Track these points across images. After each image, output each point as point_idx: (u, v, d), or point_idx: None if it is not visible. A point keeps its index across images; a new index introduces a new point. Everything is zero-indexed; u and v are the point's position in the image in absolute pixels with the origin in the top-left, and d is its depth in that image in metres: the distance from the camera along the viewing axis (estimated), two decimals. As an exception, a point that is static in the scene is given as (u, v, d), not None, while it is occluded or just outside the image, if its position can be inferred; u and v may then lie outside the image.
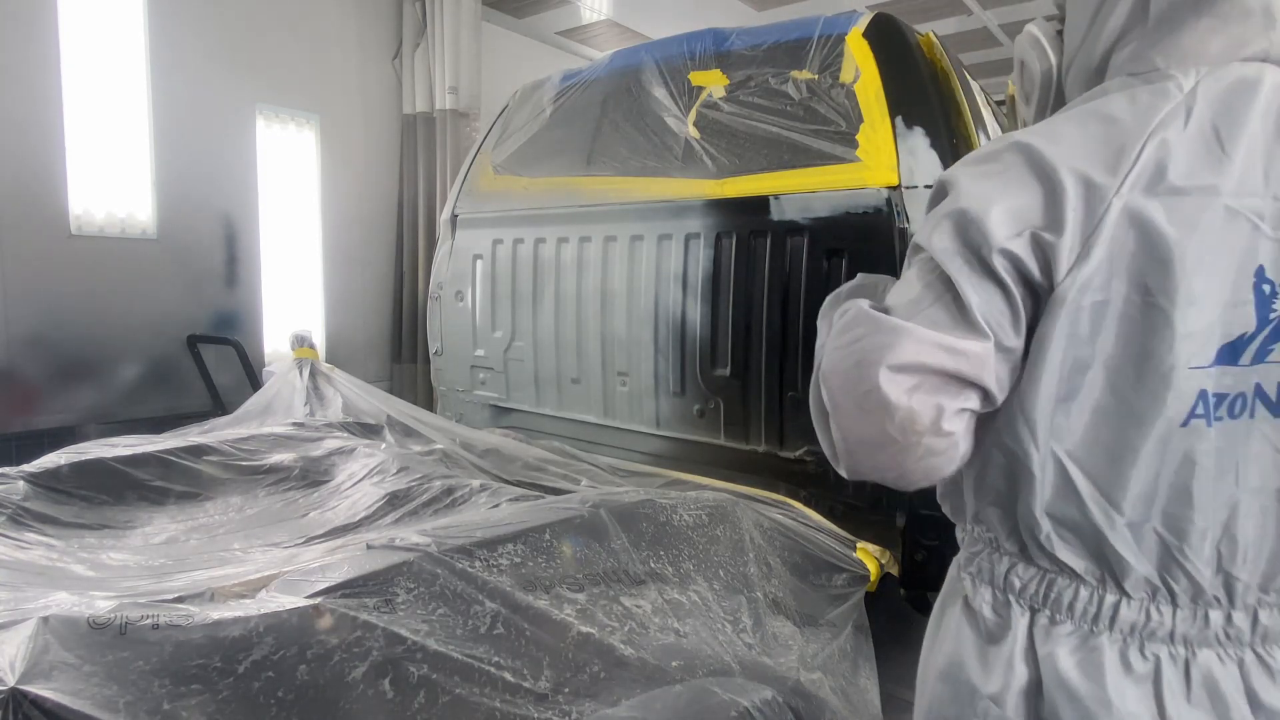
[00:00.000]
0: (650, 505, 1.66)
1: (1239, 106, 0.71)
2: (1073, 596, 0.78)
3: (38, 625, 0.96)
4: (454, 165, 4.65)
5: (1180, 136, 0.70)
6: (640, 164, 2.58)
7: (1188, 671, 0.75)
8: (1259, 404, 0.73)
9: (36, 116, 3.35)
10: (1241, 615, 0.75)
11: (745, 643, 1.45)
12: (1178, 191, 0.70)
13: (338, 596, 1.14)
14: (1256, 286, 0.71)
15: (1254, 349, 0.72)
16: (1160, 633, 0.76)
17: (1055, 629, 0.79)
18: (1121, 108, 0.74)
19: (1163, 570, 0.75)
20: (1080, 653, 0.77)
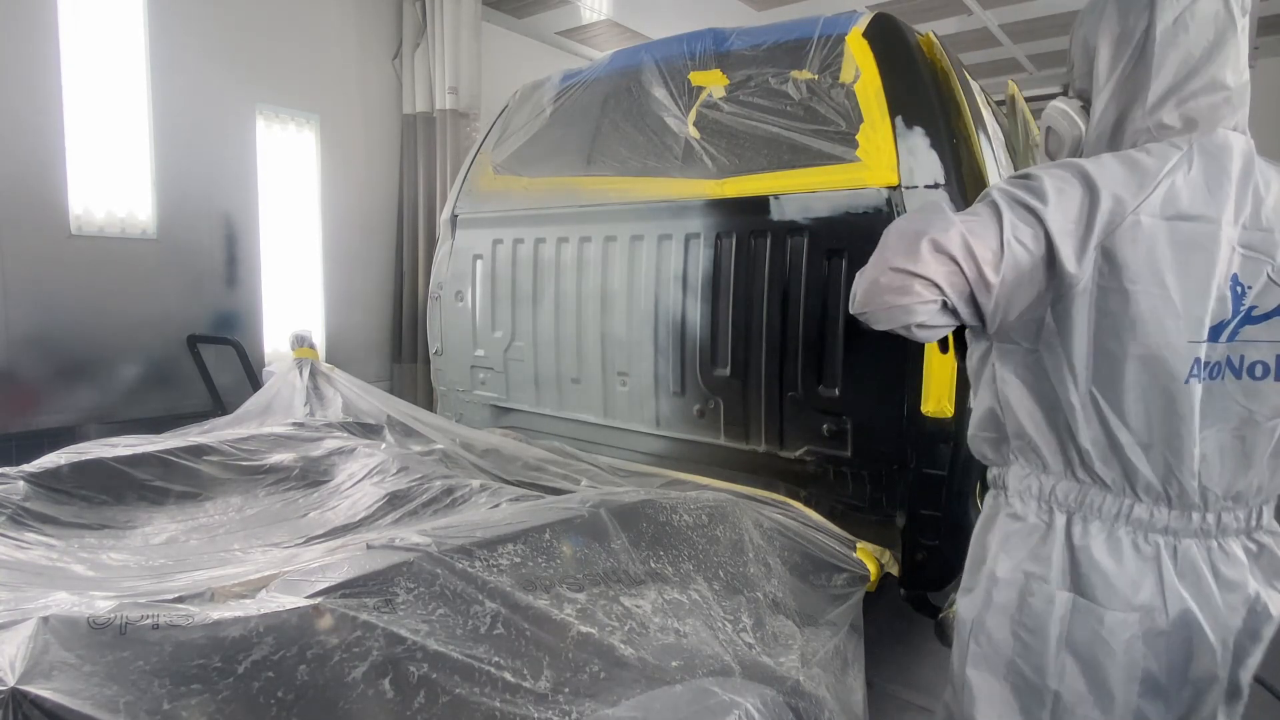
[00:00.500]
0: (650, 505, 1.66)
1: (1223, 162, 1.04)
2: (1101, 501, 1.10)
3: (38, 625, 0.96)
4: (454, 165, 4.65)
5: (1185, 180, 1.03)
6: (640, 164, 2.58)
7: (1175, 554, 1.08)
8: (1228, 371, 1.06)
9: (36, 116, 3.34)
10: (1212, 516, 1.09)
11: (745, 643, 1.45)
12: (1184, 217, 1.02)
13: (338, 596, 1.14)
14: (1233, 287, 1.04)
15: (1229, 331, 1.05)
16: (1159, 526, 1.08)
17: (1089, 525, 1.11)
18: (1144, 157, 1.06)
19: (1164, 481, 1.07)
20: (1108, 542, 1.09)
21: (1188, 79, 1.07)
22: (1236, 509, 1.09)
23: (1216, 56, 1.07)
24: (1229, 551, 1.09)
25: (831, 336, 2.18)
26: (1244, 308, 1.04)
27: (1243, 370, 1.06)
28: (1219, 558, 1.09)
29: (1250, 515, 1.11)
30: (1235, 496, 1.09)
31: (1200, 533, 1.08)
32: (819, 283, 2.19)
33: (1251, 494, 1.10)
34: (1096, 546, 1.09)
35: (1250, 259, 1.04)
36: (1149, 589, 1.07)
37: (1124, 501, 1.09)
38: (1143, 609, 1.07)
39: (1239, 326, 1.05)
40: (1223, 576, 1.08)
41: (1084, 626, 1.09)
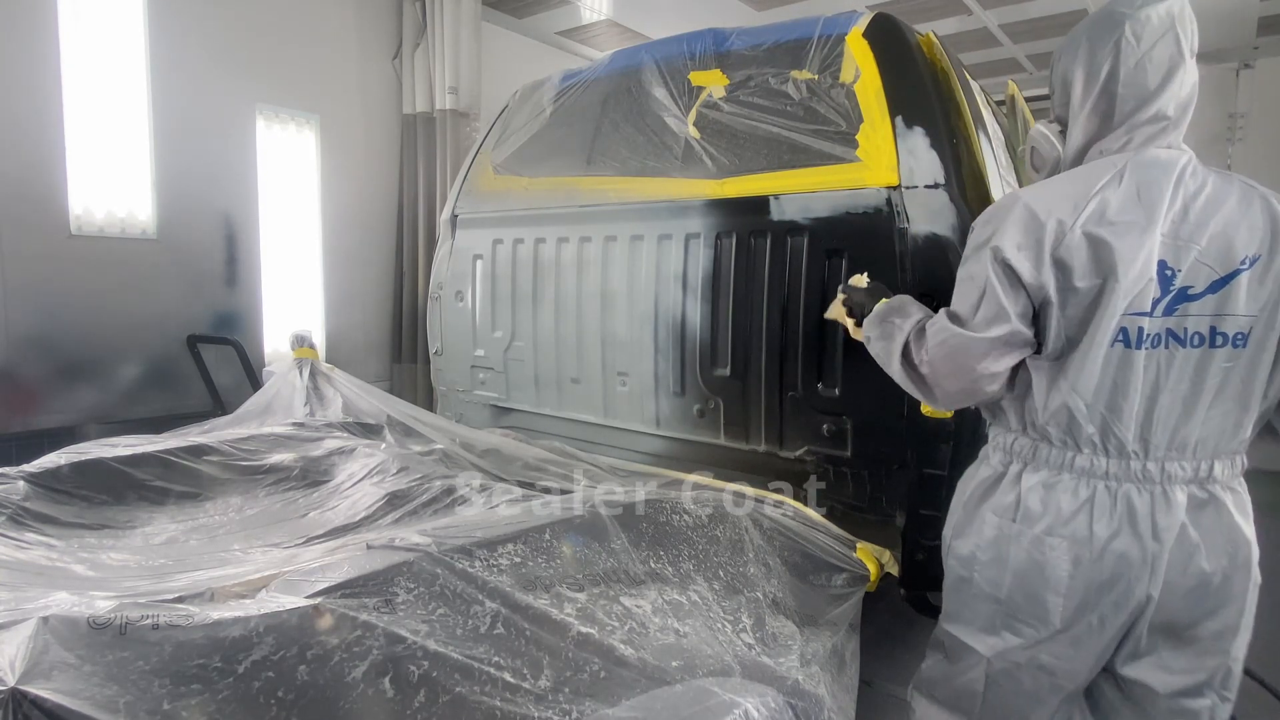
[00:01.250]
0: (650, 505, 1.66)
1: (1153, 174, 1.27)
2: (1049, 454, 1.35)
3: (38, 625, 0.96)
4: (454, 165, 4.65)
5: (1115, 193, 1.27)
6: (640, 164, 2.58)
7: (1114, 498, 1.29)
8: (1171, 339, 1.26)
9: (36, 116, 3.34)
10: (1154, 465, 1.28)
11: (745, 643, 1.45)
12: (1115, 222, 1.25)
13: (338, 596, 1.14)
14: (1160, 271, 1.26)
15: (1163, 306, 1.26)
16: (1098, 473, 1.31)
17: (1034, 470, 1.36)
18: (1085, 176, 1.32)
19: (1103, 436, 1.30)
20: (1051, 485, 1.34)
21: (1138, 111, 1.31)
22: (1182, 459, 1.28)
23: (1163, 93, 1.30)
24: (1171, 497, 1.28)
25: (831, 336, 2.18)
26: (1174, 288, 1.26)
27: (1186, 340, 1.26)
28: (1159, 502, 1.28)
29: (1198, 466, 1.29)
30: (1180, 448, 1.28)
31: (1141, 478, 1.29)
32: (819, 283, 2.19)
33: (1193, 446, 1.28)
34: (1040, 489, 1.34)
35: (1176, 247, 1.25)
36: (1080, 522, 1.30)
37: (1067, 454, 1.32)
38: (1071, 538, 1.30)
39: (1175, 303, 1.26)
40: (1157, 518, 1.27)
41: (1020, 548, 1.35)
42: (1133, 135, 1.31)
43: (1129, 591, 1.29)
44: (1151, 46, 1.28)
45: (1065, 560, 1.30)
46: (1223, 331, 1.26)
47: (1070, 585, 1.31)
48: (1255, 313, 1.26)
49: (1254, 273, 1.25)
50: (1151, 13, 1.29)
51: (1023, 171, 2.61)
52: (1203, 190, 1.28)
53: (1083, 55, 1.35)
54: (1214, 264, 1.25)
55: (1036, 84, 6.45)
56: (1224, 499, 1.29)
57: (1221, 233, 1.25)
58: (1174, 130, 1.32)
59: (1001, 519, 1.37)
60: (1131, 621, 1.31)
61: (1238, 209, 1.27)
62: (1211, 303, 1.25)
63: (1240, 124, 5.62)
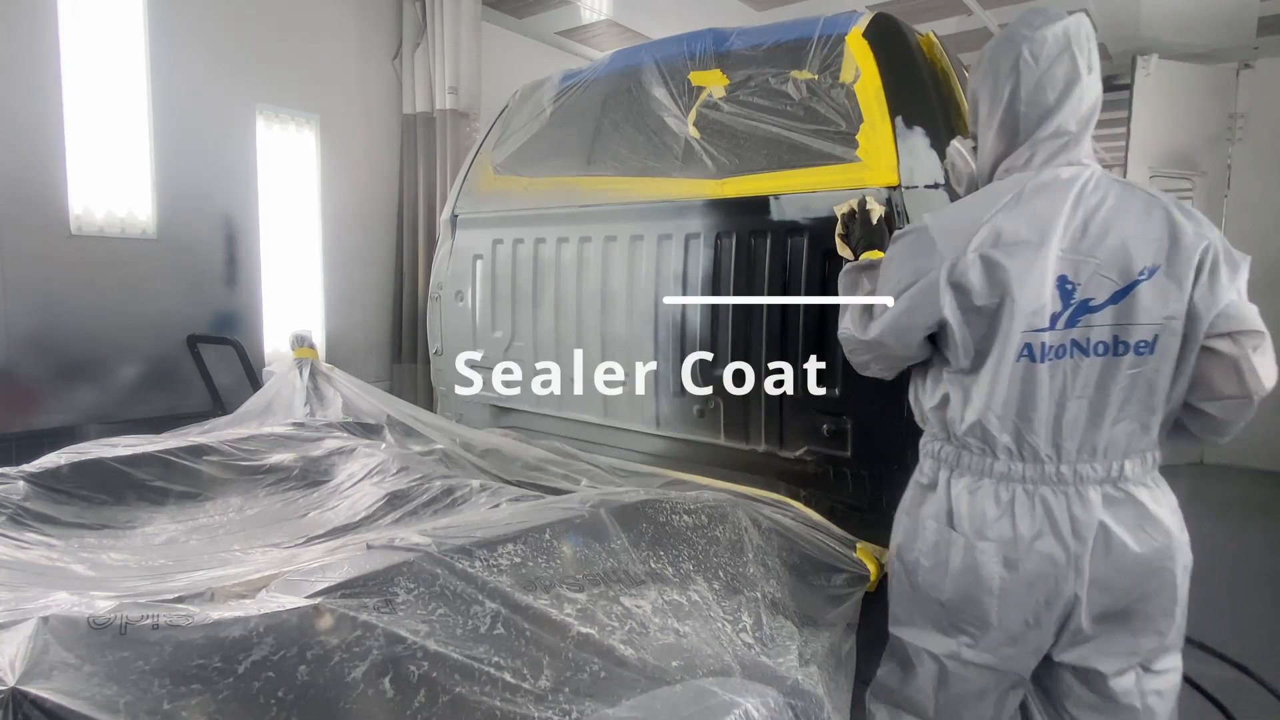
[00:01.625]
0: (650, 505, 1.66)
1: (1053, 191, 1.35)
2: (970, 461, 1.42)
3: (38, 625, 0.96)
4: (454, 165, 4.65)
5: (1010, 214, 1.34)
6: (640, 164, 2.58)
7: (1032, 500, 1.36)
8: (1076, 350, 1.33)
9: (36, 116, 3.35)
10: (1067, 469, 1.35)
11: (745, 643, 1.45)
12: (1011, 242, 1.33)
13: (338, 596, 1.14)
14: (1060, 286, 1.32)
15: (1065, 319, 1.32)
16: (1016, 477, 1.38)
17: (962, 479, 1.43)
18: (982, 198, 1.41)
19: (1018, 444, 1.37)
20: (975, 491, 1.41)
21: (1040, 127, 1.37)
22: (1093, 462, 1.34)
23: (1063, 109, 1.36)
24: (1085, 498, 1.34)
25: (832, 336, 2.17)
26: (1075, 300, 1.32)
27: (1090, 350, 1.33)
28: (1075, 503, 1.34)
29: (1110, 467, 1.35)
30: (1091, 452, 1.34)
31: (1056, 481, 1.35)
32: (819, 283, 2.18)
33: (1104, 449, 1.34)
34: (966, 494, 1.42)
35: (1076, 262, 1.31)
36: (1004, 526, 1.37)
37: (987, 460, 1.40)
38: (998, 540, 1.37)
39: (1077, 315, 1.32)
40: (1076, 518, 1.34)
41: (955, 553, 1.41)
42: (1036, 151, 1.38)
43: (1057, 589, 1.36)
44: (1049, 66, 1.35)
45: (995, 563, 1.37)
46: (1124, 340, 1.32)
47: (1002, 586, 1.37)
48: (1156, 321, 1.30)
49: (1152, 282, 1.30)
50: (1048, 33, 1.35)
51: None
52: (1103, 204, 1.33)
53: (988, 75, 1.43)
54: (1114, 275, 1.31)
55: (1036, 84, 6.45)
56: (1138, 495, 1.36)
57: (1121, 245, 1.31)
58: (1076, 145, 1.38)
59: (940, 524, 1.44)
60: (1065, 615, 1.38)
61: (1137, 221, 1.32)
62: (1113, 313, 1.31)
63: (1240, 124, 5.62)
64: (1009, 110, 1.39)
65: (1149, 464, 1.39)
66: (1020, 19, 1.40)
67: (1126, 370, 1.33)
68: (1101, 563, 1.34)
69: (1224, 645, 2.70)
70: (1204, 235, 1.31)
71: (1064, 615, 1.38)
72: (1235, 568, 3.68)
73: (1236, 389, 1.30)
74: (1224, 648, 2.68)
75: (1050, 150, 1.38)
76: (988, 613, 1.39)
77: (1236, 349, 1.29)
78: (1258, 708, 2.38)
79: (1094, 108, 1.39)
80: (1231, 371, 1.30)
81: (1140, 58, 5.44)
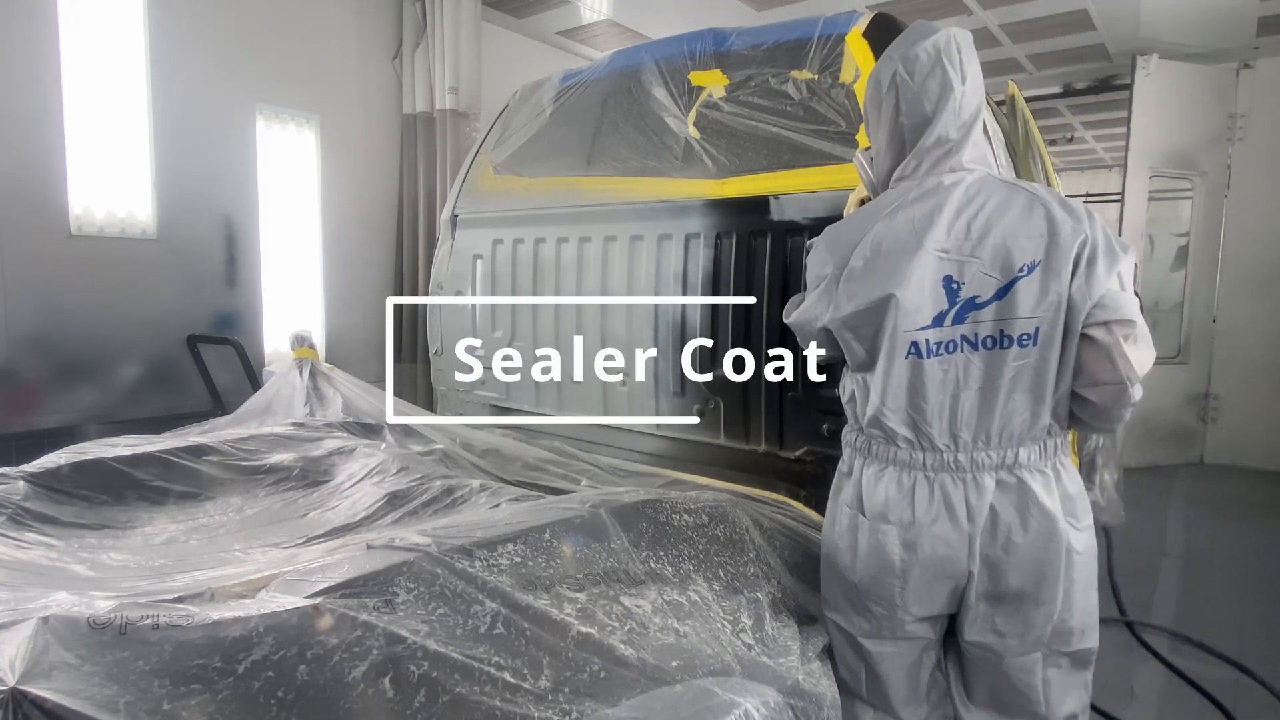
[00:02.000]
0: (650, 505, 1.66)
1: (936, 197, 1.45)
2: (877, 449, 1.52)
3: (38, 625, 0.96)
4: (454, 165, 4.65)
5: (892, 222, 1.46)
6: (640, 164, 2.58)
7: (931, 486, 1.45)
8: (965, 345, 1.42)
9: (36, 116, 3.35)
10: (964, 456, 1.44)
11: (745, 643, 1.45)
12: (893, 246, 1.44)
13: (338, 596, 1.14)
14: (946, 285, 1.41)
15: (952, 316, 1.42)
16: (916, 465, 1.47)
17: (870, 464, 1.53)
18: (871, 208, 1.53)
19: (915, 434, 1.46)
20: (881, 477, 1.50)
21: (922, 138, 1.47)
22: (988, 449, 1.43)
23: (940, 119, 1.45)
24: (980, 483, 1.43)
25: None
26: (962, 298, 1.41)
27: (979, 344, 1.41)
28: (970, 489, 1.43)
29: (1003, 454, 1.42)
30: (985, 439, 1.43)
31: (954, 468, 1.44)
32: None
33: (997, 437, 1.42)
34: (873, 481, 1.51)
35: (960, 262, 1.40)
36: (904, 510, 1.46)
37: (891, 449, 1.49)
38: (899, 523, 1.47)
39: (964, 312, 1.41)
40: (970, 503, 1.43)
41: (864, 536, 1.51)
42: (921, 160, 1.49)
43: (951, 567, 1.45)
44: (923, 80, 1.44)
45: (896, 544, 1.47)
46: (1009, 334, 1.40)
47: (903, 567, 1.47)
48: (1037, 314, 1.38)
49: (1032, 278, 1.37)
50: (919, 50, 1.45)
51: (1023, 170, 2.61)
52: (985, 206, 1.42)
53: (874, 92, 1.54)
54: (996, 273, 1.39)
55: (1036, 84, 6.46)
56: (1030, 481, 1.43)
57: (1002, 244, 1.39)
58: (959, 151, 1.47)
59: (853, 510, 1.54)
60: (961, 592, 1.47)
61: (1018, 220, 1.40)
62: (997, 309, 1.40)
63: (1240, 124, 5.62)
64: (893, 124, 1.50)
65: (1047, 451, 1.44)
66: (900, 37, 1.50)
67: (1013, 362, 1.40)
68: (990, 544, 1.42)
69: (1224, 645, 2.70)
70: (1082, 229, 1.38)
71: (958, 591, 1.47)
72: (1235, 568, 3.68)
73: (1111, 375, 1.37)
74: (1224, 648, 2.68)
75: (934, 158, 1.48)
76: (892, 592, 1.49)
77: (1109, 337, 1.36)
78: (1258, 708, 2.38)
79: (975, 114, 1.48)
80: (1106, 359, 1.36)
81: (1140, 58, 5.44)
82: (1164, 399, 5.63)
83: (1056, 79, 6.47)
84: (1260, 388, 5.58)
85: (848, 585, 1.55)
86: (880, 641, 1.54)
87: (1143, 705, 2.44)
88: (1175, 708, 2.41)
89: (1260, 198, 5.58)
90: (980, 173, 1.49)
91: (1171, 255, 6.09)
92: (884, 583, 1.49)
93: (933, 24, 1.50)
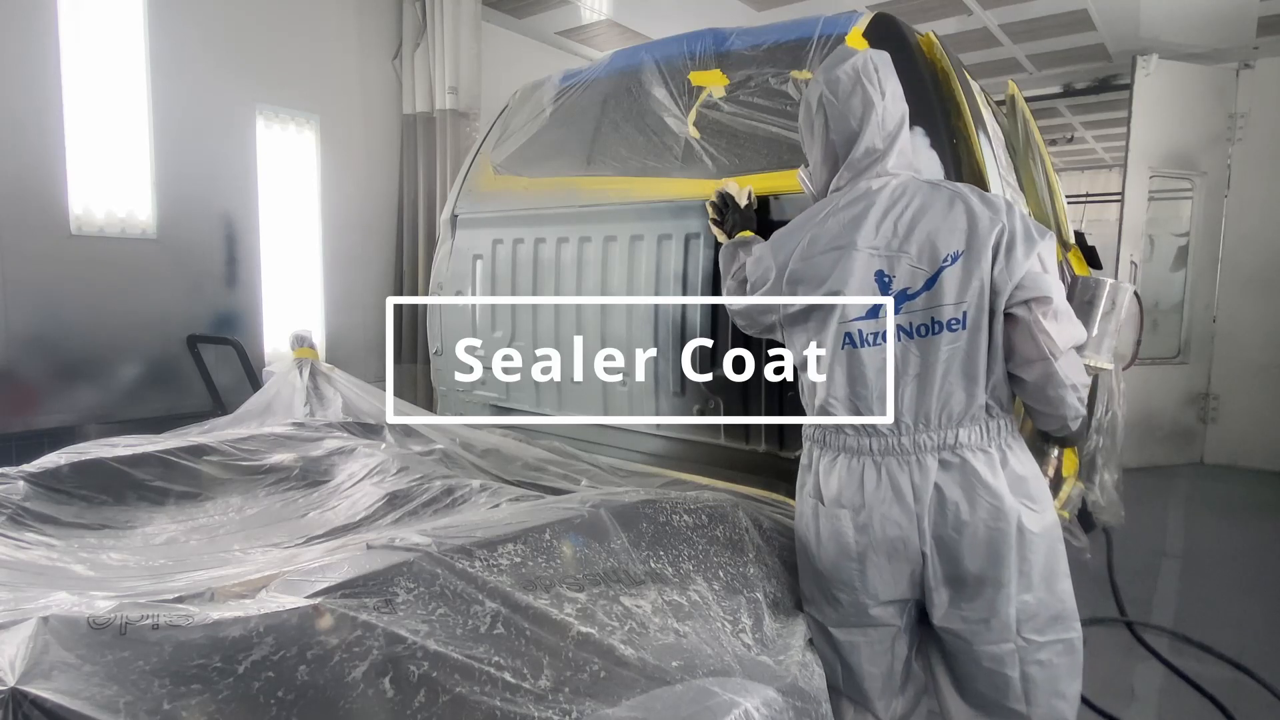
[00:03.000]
0: (650, 505, 1.66)
1: (865, 200, 1.57)
2: (829, 438, 1.60)
3: (38, 625, 0.96)
4: (454, 165, 4.65)
5: (825, 225, 1.59)
6: (640, 164, 2.58)
7: (879, 470, 1.53)
8: (903, 334, 1.51)
9: (36, 116, 3.35)
10: (908, 439, 1.51)
11: (745, 643, 1.45)
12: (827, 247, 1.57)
13: (338, 596, 1.14)
14: (879, 279, 1.52)
15: (889, 307, 1.51)
16: (864, 450, 1.54)
17: (824, 453, 1.61)
18: (808, 214, 1.67)
19: (857, 419, 1.54)
20: (832, 465, 1.59)
21: (852, 150, 1.60)
22: (928, 431, 1.50)
23: (866, 130, 1.58)
24: (924, 464, 1.50)
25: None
26: (894, 291, 1.51)
27: (914, 332, 1.51)
28: (915, 470, 1.50)
29: (943, 435, 1.49)
30: (925, 421, 1.50)
31: (898, 451, 1.51)
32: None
33: (936, 418, 1.49)
34: (827, 469, 1.59)
35: (889, 257, 1.51)
36: (855, 494, 1.53)
37: (841, 437, 1.57)
38: (851, 507, 1.53)
39: (899, 303, 1.51)
40: (915, 483, 1.50)
41: (823, 522, 1.58)
42: (853, 170, 1.61)
43: (905, 549, 1.50)
44: (846, 98, 1.58)
45: (850, 528, 1.53)
46: (939, 320, 1.49)
47: (859, 550, 1.53)
48: (964, 300, 1.47)
49: (955, 267, 1.47)
50: (839, 73, 1.59)
51: (1023, 171, 2.61)
52: (910, 206, 1.53)
53: (805, 114, 1.68)
54: (924, 265, 1.49)
55: (1036, 84, 6.46)
56: (972, 461, 1.48)
57: (927, 238, 1.50)
58: (884, 159, 1.59)
59: (814, 499, 1.61)
60: (919, 574, 1.52)
61: (941, 215, 1.51)
62: (926, 298, 1.49)
63: (1240, 124, 5.62)
64: (825, 140, 1.64)
65: (990, 432, 1.50)
66: (824, 63, 1.65)
67: (945, 346, 1.49)
68: (940, 524, 1.48)
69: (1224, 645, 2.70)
70: (999, 220, 1.48)
71: (917, 574, 1.53)
72: (1235, 568, 3.68)
73: (1035, 351, 1.46)
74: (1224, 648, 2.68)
75: (864, 166, 1.60)
76: (852, 576, 1.55)
77: (1029, 314, 1.45)
78: (1258, 708, 2.38)
79: (900, 123, 1.61)
80: (1029, 336, 1.46)
81: (1140, 58, 5.44)
82: (1164, 399, 5.63)
83: (1056, 79, 6.47)
84: (1260, 388, 5.58)
85: (816, 574, 1.61)
86: (849, 630, 1.59)
87: (1143, 705, 2.44)
88: (1175, 708, 2.41)
89: (1260, 198, 5.58)
90: (904, 177, 1.60)
91: (1171, 255, 6.09)
92: (843, 567, 1.55)
93: (852, 48, 1.68)
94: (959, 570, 1.49)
